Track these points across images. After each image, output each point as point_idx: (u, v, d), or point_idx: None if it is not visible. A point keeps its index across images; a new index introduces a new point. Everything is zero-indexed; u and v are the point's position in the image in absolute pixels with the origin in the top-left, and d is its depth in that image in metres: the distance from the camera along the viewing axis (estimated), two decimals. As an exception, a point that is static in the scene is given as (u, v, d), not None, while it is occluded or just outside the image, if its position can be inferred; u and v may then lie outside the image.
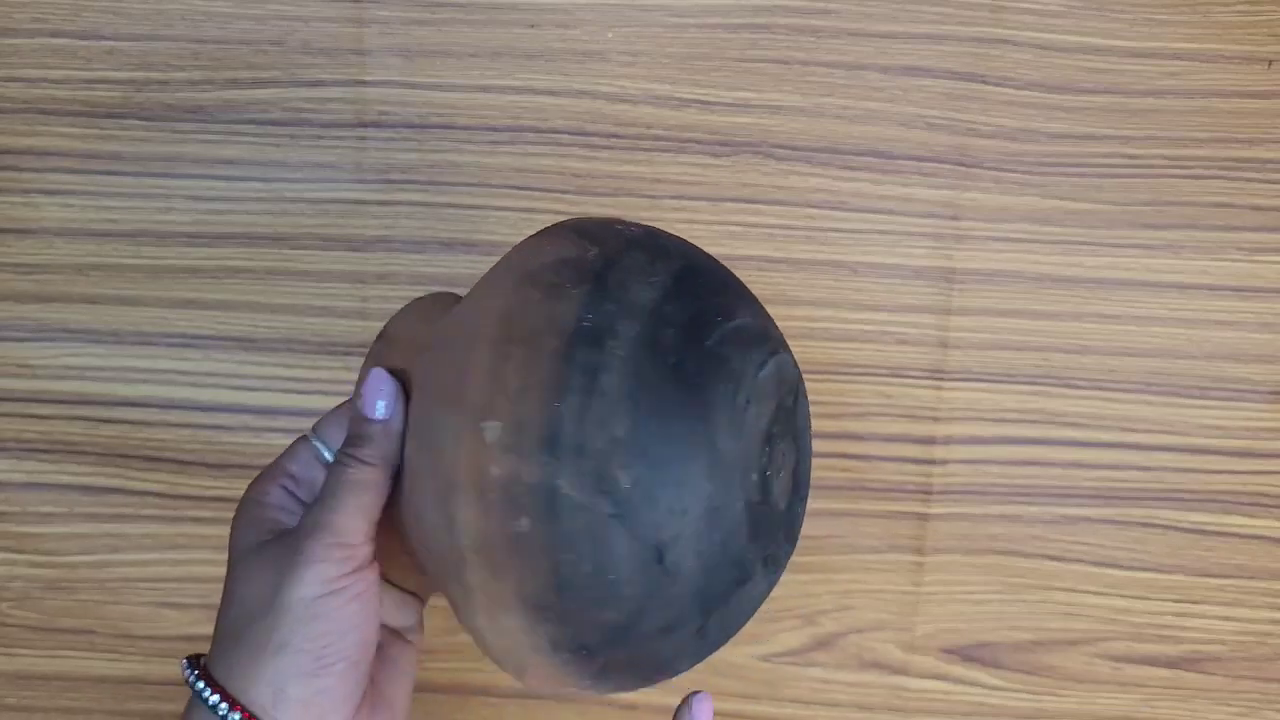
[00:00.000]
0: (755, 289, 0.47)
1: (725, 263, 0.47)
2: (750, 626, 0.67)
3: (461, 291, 0.52)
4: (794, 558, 0.66)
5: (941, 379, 0.64)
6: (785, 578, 0.67)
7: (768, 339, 0.44)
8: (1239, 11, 0.61)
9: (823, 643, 0.67)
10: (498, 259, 0.45)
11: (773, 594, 0.67)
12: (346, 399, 0.49)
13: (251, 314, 0.64)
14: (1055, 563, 0.66)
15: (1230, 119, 0.62)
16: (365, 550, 0.45)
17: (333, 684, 0.44)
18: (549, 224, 0.46)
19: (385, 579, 0.49)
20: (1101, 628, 0.67)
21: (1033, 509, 0.65)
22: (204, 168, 0.63)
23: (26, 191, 0.63)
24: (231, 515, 0.66)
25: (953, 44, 0.61)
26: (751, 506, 0.42)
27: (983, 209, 0.63)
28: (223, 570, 0.66)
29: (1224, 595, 0.66)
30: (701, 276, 0.43)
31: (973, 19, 0.61)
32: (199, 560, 0.66)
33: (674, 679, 0.69)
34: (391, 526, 0.46)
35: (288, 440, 0.66)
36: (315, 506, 0.45)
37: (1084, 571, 0.66)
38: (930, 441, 0.65)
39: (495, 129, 0.62)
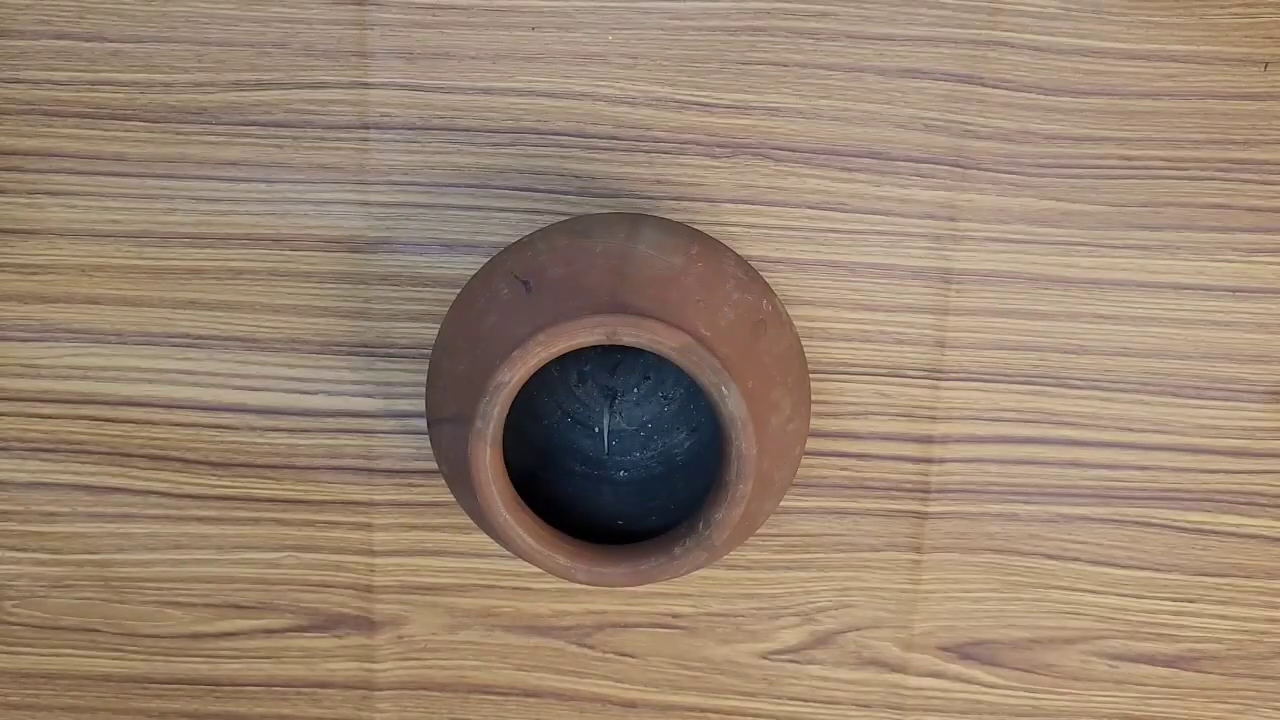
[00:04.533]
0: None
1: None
2: (750, 624, 0.68)
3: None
4: (793, 555, 0.67)
5: (939, 379, 0.64)
6: (785, 575, 0.67)
7: None
8: (1235, 14, 0.61)
9: (821, 640, 0.67)
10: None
11: (772, 591, 0.67)
12: None
13: (254, 315, 0.64)
14: (1052, 561, 0.66)
15: (1226, 121, 0.62)
16: None
17: None
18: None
19: None
20: (1098, 626, 0.67)
21: (1030, 508, 0.66)
22: (207, 169, 0.63)
23: (31, 192, 0.63)
24: (235, 514, 0.66)
25: (950, 46, 0.61)
26: None
27: (980, 210, 0.63)
28: (224, 568, 0.67)
29: (1220, 594, 0.67)
30: None
31: (970, 21, 0.61)
32: (202, 559, 0.67)
33: (674, 678, 0.69)
34: None
35: (291, 440, 0.66)
36: None
37: (1081, 570, 0.66)
38: (928, 441, 0.65)
39: (496, 131, 0.62)
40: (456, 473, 0.55)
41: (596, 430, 0.62)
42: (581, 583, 0.53)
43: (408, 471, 0.65)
